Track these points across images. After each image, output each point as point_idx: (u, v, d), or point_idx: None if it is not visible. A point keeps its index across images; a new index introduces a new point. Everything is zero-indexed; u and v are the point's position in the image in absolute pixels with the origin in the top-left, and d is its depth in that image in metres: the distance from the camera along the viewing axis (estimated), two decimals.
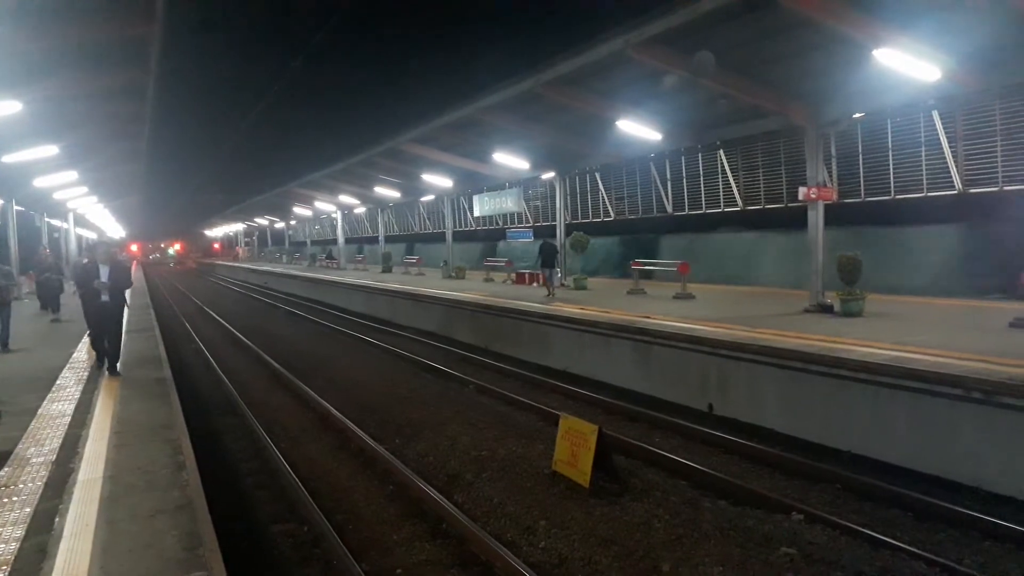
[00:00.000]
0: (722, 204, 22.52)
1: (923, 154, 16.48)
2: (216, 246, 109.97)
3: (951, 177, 15.93)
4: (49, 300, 18.35)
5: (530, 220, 31.76)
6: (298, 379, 14.01)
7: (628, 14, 12.23)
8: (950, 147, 15.82)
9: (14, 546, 4.71)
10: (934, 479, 7.82)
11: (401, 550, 6.65)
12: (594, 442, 7.66)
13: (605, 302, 16.86)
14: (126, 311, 11.37)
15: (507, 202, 27.04)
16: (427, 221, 43.27)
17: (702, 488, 7.90)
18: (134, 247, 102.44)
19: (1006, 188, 15.00)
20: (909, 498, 7.29)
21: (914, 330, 10.96)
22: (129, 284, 11.02)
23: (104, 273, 10.20)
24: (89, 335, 11.30)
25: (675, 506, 7.35)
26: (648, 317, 13.57)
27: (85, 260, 11.10)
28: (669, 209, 24.66)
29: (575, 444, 7.93)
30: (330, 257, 48.73)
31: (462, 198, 34.58)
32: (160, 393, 9.43)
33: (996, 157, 15.07)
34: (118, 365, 10.65)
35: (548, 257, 19.77)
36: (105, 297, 10.21)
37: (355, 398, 12.70)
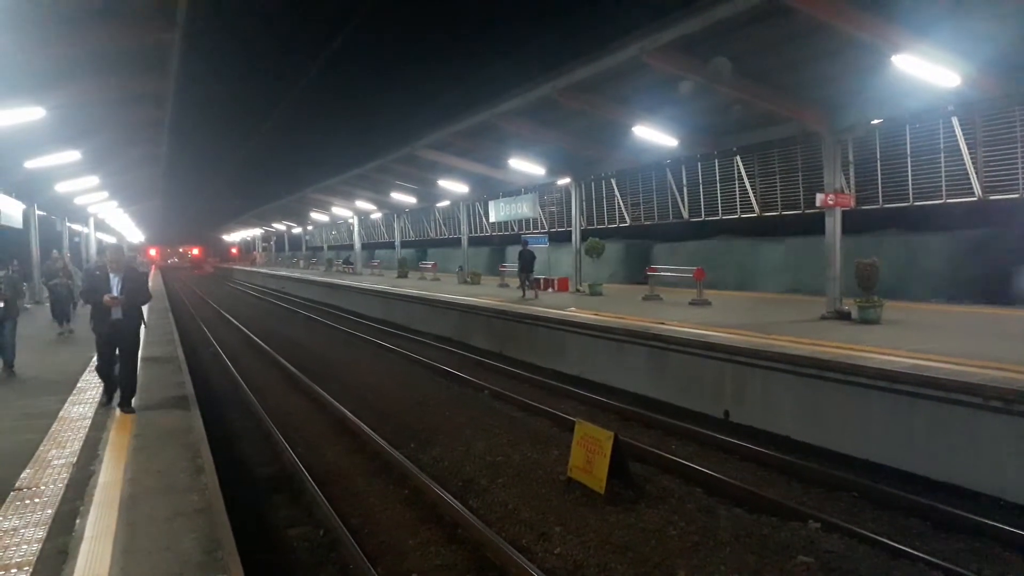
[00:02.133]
0: (739, 210, 22.46)
1: (942, 160, 16.36)
2: (234, 251, 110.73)
3: (971, 184, 15.80)
4: (56, 310, 16.75)
5: (546, 226, 31.78)
6: (315, 383, 14.08)
7: (644, 20, 12.25)
8: (970, 153, 15.69)
9: (36, 547, 4.78)
10: (953, 488, 7.74)
11: (417, 555, 6.67)
12: (610, 448, 7.65)
13: (620, 308, 16.84)
14: (143, 332, 9.52)
15: (523, 208, 27.08)
16: (443, 226, 43.42)
17: (718, 495, 7.86)
18: (152, 251, 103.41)
19: None
20: (928, 507, 7.22)
21: (933, 337, 10.87)
22: (147, 298, 9.06)
23: (116, 284, 8.43)
24: (96, 360, 9.07)
25: (691, 513, 7.33)
26: (663, 323, 13.53)
27: (96, 270, 8.93)
28: (685, 215, 24.61)
29: (590, 450, 7.92)
30: (347, 262, 49.02)
31: (477, 204, 34.65)
32: (179, 397, 9.52)
33: (1017, 164, 14.93)
34: (133, 400, 8.72)
35: (526, 263, 21.55)
36: (117, 314, 8.40)
37: (371, 402, 12.75)
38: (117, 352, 8.56)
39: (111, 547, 4.74)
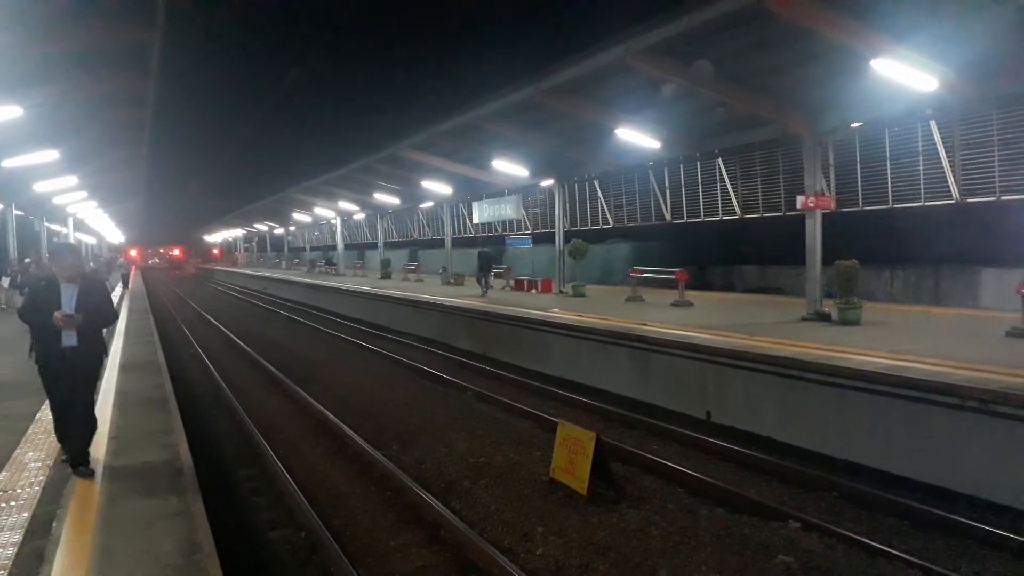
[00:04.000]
0: (720, 213, 22.59)
1: (921, 164, 16.53)
2: (215, 251, 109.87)
3: (949, 187, 15.98)
4: None
5: (529, 227, 31.78)
6: (296, 384, 13.99)
7: (628, 23, 12.30)
8: (947, 157, 15.87)
9: (11, 551, 4.72)
10: (931, 488, 7.81)
11: (398, 556, 6.65)
12: (592, 449, 7.66)
13: (603, 309, 16.87)
14: (106, 366, 7.51)
15: (506, 209, 27.09)
16: (426, 228, 43.31)
17: (699, 495, 7.90)
18: (133, 252, 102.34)
19: (1004, 198, 15.04)
20: (906, 507, 7.30)
21: (912, 339, 10.99)
22: (111, 318, 6.75)
23: (70, 298, 6.02)
24: (51, 409, 6.48)
25: (672, 513, 7.36)
26: (646, 324, 13.58)
27: (42, 280, 6.50)
28: (668, 217, 24.72)
29: (573, 451, 7.93)
30: (330, 263, 48.80)
31: (461, 205, 34.60)
32: (159, 399, 9.44)
33: (994, 167, 15.11)
34: (89, 452, 6.34)
35: (484, 264, 23.53)
36: (71, 340, 5.98)
37: (353, 404, 12.68)
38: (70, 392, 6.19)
39: (89, 550, 4.69)
